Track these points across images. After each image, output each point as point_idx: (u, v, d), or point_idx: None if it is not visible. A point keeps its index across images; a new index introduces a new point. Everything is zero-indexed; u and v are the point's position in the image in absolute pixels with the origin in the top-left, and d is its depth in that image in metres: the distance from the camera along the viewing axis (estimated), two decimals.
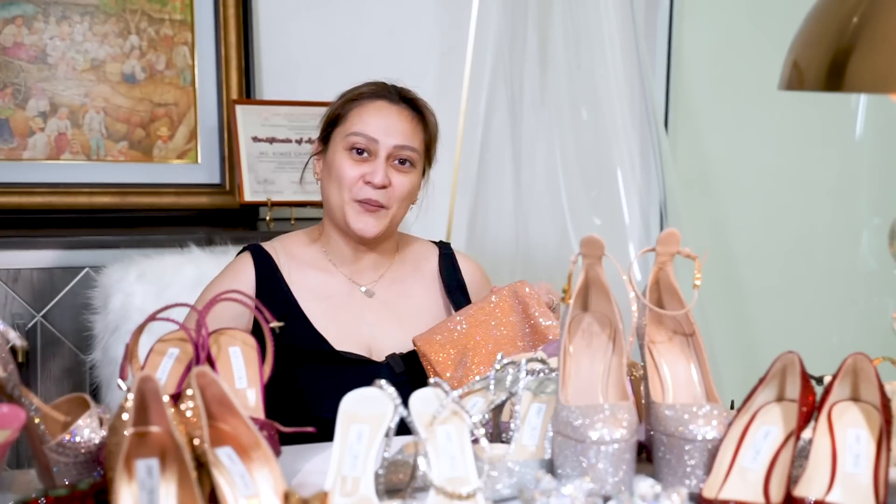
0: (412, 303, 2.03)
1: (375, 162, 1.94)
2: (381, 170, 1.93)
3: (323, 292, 1.99)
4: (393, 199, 1.95)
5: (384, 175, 1.93)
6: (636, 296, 1.46)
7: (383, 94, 1.99)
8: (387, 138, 1.94)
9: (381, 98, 1.98)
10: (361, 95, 1.99)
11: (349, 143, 1.95)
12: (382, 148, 1.94)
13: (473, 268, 2.14)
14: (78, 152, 2.74)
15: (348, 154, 1.95)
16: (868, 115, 3.39)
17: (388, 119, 1.96)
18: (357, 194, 1.94)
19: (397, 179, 1.95)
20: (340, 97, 2.03)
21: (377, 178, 1.93)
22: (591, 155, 3.11)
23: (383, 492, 1.27)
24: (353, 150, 1.95)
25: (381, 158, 1.94)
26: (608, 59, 3.05)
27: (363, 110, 1.97)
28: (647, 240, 3.10)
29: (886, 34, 1.44)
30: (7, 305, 2.44)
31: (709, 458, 1.32)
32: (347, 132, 1.96)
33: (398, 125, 1.96)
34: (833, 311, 3.44)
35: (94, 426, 1.31)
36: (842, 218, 3.45)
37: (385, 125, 1.95)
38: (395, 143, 1.95)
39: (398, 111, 1.97)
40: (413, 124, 1.98)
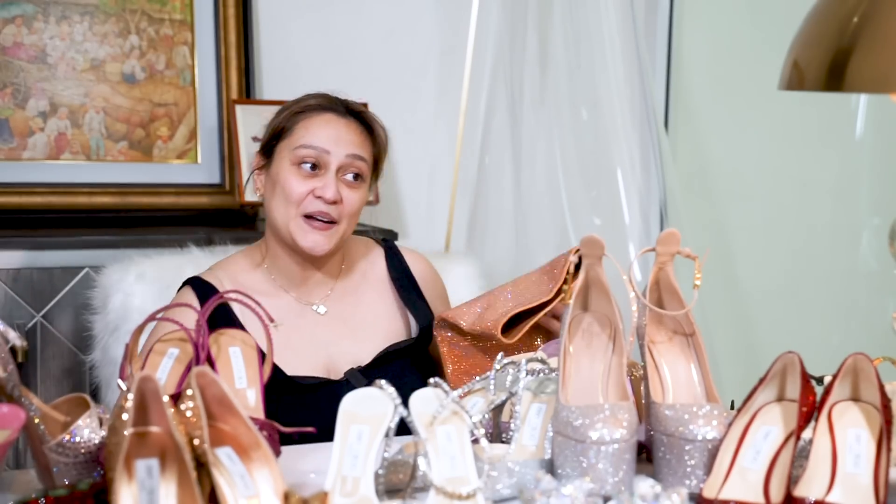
0: (366, 313, 1.97)
1: (326, 176, 1.86)
2: (333, 184, 1.85)
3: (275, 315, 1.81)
4: (343, 214, 1.88)
5: (335, 189, 1.85)
6: (636, 296, 1.46)
7: (331, 107, 1.92)
8: (338, 149, 1.87)
9: (329, 111, 1.91)
10: (308, 108, 1.92)
11: (297, 157, 1.87)
12: (333, 159, 1.87)
13: (422, 264, 2.07)
14: (78, 152, 2.74)
15: (296, 168, 1.86)
16: (868, 115, 3.39)
17: (338, 130, 1.89)
18: (306, 208, 1.86)
19: (348, 194, 1.87)
20: (284, 109, 1.95)
21: (328, 192, 1.84)
22: (591, 155, 3.11)
23: (383, 492, 1.27)
24: (301, 164, 1.86)
25: (331, 171, 1.86)
26: (608, 59, 3.05)
27: (311, 122, 1.89)
28: (647, 240, 3.10)
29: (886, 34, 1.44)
30: (7, 305, 2.44)
31: (709, 459, 1.32)
32: (295, 145, 1.88)
33: (348, 136, 1.89)
34: (833, 311, 3.44)
35: (93, 426, 1.31)
36: (842, 218, 3.45)
37: (335, 136, 1.88)
38: (347, 152, 1.87)
39: (346, 123, 1.90)
40: (363, 137, 1.91)
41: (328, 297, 1.95)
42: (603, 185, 3.10)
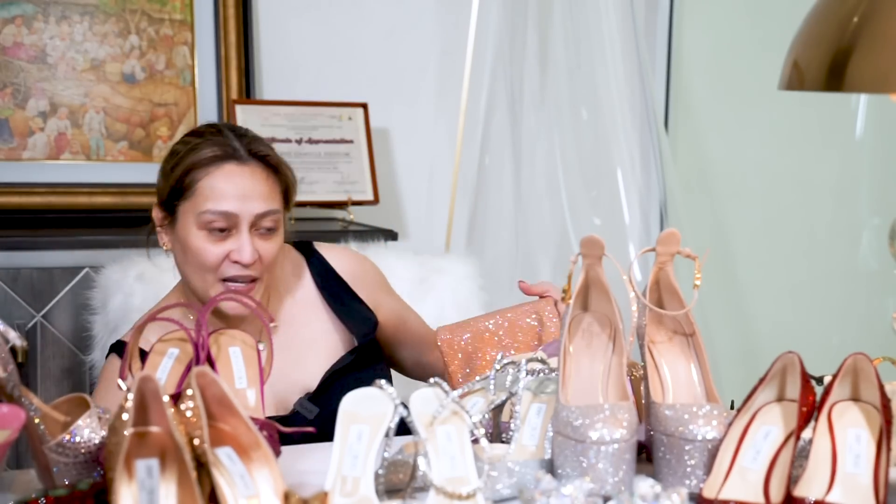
0: (304, 336, 1.85)
1: (239, 237, 1.69)
2: (248, 245, 1.68)
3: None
4: (264, 268, 1.72)
5: (252, 251, 1.68)
6: (636, 296, 1.46)
7: (230, 155, 1.70)
8: (246, 208, 1.68)
9: (229, 159, 1.70)
10: (205, 161, 1.70)
11: (204, 223, 1.68)
12: (244, 221, 1.68)
13: (347, 261, 1.93)
14: (78, 152, 2.74)
15: (205, 233, 1.69)
16: (868, 115, 3.39)
17: (243, 186, 1.68)
18: (224, 272, 1.70)
19: (265, 247, 1.71)
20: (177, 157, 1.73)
21: (245, 256, 1.68)
22: (591, 155, 3.11)
23: (383, 492, 1.26)
24: (209, 229, 1.69)
25: (244, 232, 1.69)
26: (608, 59, 3.05)
27: (212, 180, 1.68)
28: (647, 240, 3.10)
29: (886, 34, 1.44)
30: (7, 305, 2.44)
31: (709, 459, 1.32)
32: (199, 209, 1.68)
33: (254, 189, 1.69)
34: (833, 311, 3.44)
35: (93, 426, 1.31)
36: (842, 218, 3.45)
37: (240, 193, 1.68)
38: (257, 211, 1.69)
39: (251, 172, 1.70)
40: (269, 182, 1.72)
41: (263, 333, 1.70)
42: (603, 185, 3.11)
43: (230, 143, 1.71)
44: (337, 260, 1.92)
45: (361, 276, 1.93)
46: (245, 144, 1.72)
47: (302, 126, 2.82)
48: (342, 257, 1.93)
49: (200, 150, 1.70)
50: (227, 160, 1.70)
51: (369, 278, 1.95)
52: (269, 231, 1.72)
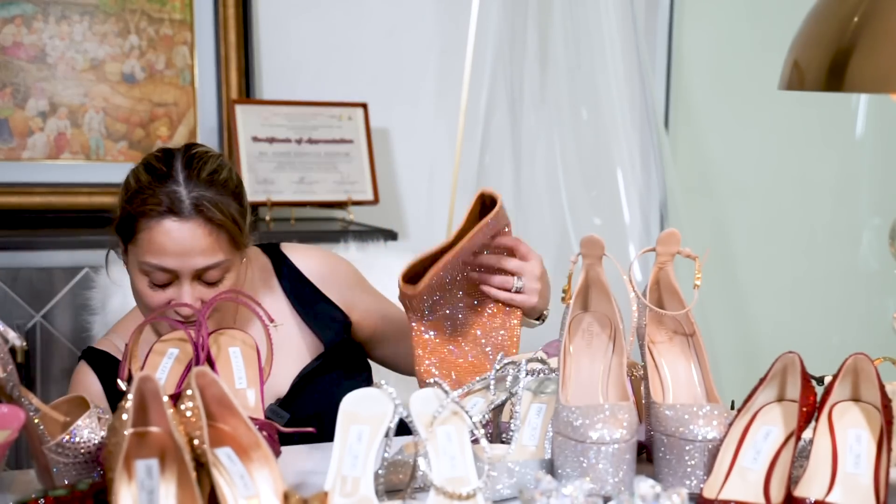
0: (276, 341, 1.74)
1: (180, 288, 1.65)
2: (188, 296, 1.64)
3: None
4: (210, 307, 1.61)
5: (193, 299, 1.65)
6: (636, 296, 1.46)
7: (171, 209, 1.63)
8: (185, 264, 1.64)
9: (167, 216, 1.63)
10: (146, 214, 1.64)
11: (145, 272, 1.66)
12: (184, 275, 1.64)
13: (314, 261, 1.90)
14: (77, 152, 2.74)
15: (147, 280, 1.66)
16: (868, 115, 3.39)
17: (182, 243, 1.63)
18: (169, 314, 1.65)
19: (210, 294, 1.66)
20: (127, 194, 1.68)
21: (184, 310, 1.64)
22: (591, 155, 3.11)
23: (383, 492, 1.26)
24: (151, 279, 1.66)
25: (185, 285, 1.65)
26: (608, 59, 3.05)
27: (152, 235, 1.63)
28: (647, 240, 3.10)
29: (887, 34, 1.44)
30: (6, 305, 2.44)
31: (709, 459, 1.32)
32: (140, 258, 1.65)
33: (195, 246, 1.63)
34: (834, 311, 3.44)
35: (93, 426, 1.31)
36: (842, 218, 3.45)
37: (180, 249, 1.63)
38: (196, 267, 1.64)
39: (192, 228, 1.63)
40: (212, 238, 1.64)
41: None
42: (603, 185, 3.11)
43: (176, 190, 1.64)
44: (304, 261, 1.88)
45: (330, 276, 1.89)
46: (190, 192, 1.64)
47: (302, 126, 2.82)
48: (309, 258, 1.90)
49: (145, 200, 1.65)
50: (167, 215, 1.63)
51: (339, 278, 1.91)
52: (215, 282, 1.67)
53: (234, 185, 1.71)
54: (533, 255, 1.73)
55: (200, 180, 1.66)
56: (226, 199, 1.67)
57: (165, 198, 1.63)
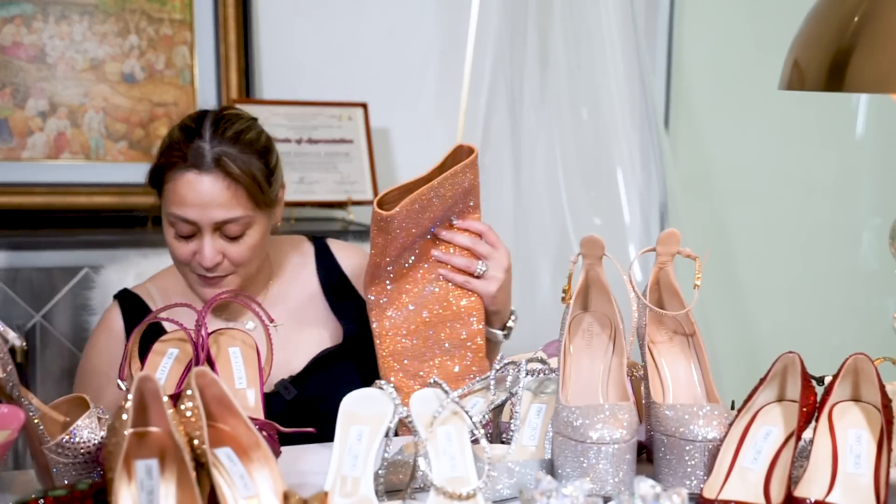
0: (297, 321, 1.88)
1: (202, 240, 1.74)
2: (208, 249, 1.73)
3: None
4: (233, 266, 1.77)
5: (213, 254, 1.73)
6: (636, 296, 1.46)
7: (192, 163, 1.72)
8: (205, 216, 1.72)
9: (190, 169, 1.72)
10: (169, 165, 1.75)
11: (170, 223, 1.76)
12: (204, 227, 1.73)
13: (354, 258, 1.97)
14: (77, 152, 2.74)
15: (174, 232, 1.76)
16: (868, 114, 3.39)
17: (201, 195, 1.72)
18: (194, 269, 1.77)
19: (233, 249, 1.75)
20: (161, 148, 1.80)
21: (205, 261, 1.74)
22: (591, 155, 3.11)
23: (383, 492, 1.26)
24: (176, 230, 1.76)
25: (206, 237, 1.74)
26: (608, 59, 3.05)
27: (175, 186, 1.73)
28: (647, 240, 3.10)
29: (887, 33, 1.44)
30: (6, 305, 2.44)
31: (709, 459, 1.32)
32: (166, 210, 1.77)
33: (214, 199, 1.72)
34: (834, 311, 3.44)
35: (93, 427, 1.31)
36: (842, 218, 3.45)
37: (200, 202, 1.72)
38: (215, 219, 1.73)
39: (212, 181, 1.72)
40: (231, 191, 1.73)
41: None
42: (603, 185, 3.10)
43: (201, 146, 1.73)
44: (345, 258, 1.96)
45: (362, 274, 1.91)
46: (213, 149, 1.73)
47: (302, 126, 2.82)
48: (350, 255, 1.97)
49: (172, 154, 1.75)
50: (189, 168, 1.73)
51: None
52: (236, 237, 1.75)
53: (261, 146, 1.79)
54: (502, 246, 1.76)
55: (225, 137, 1.75)
56: (248, 157, 1.75)
57: (190, 152, 1.73)
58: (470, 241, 1.74)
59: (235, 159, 1.73)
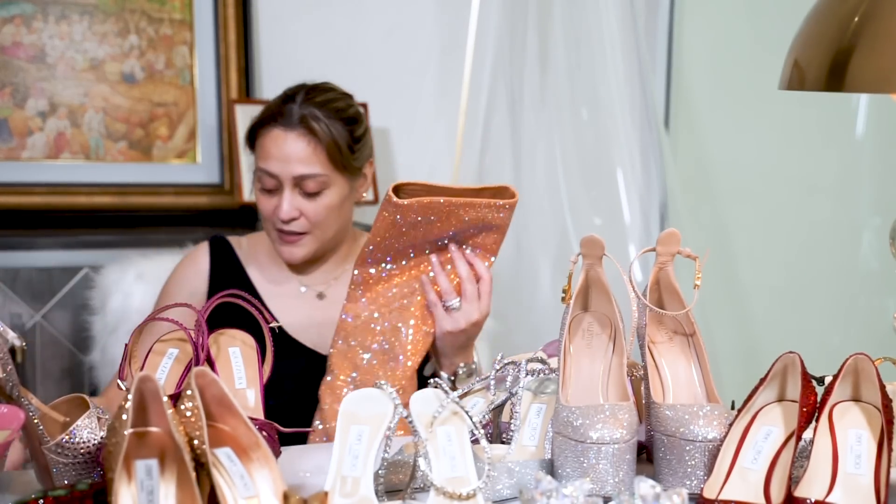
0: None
1: (282, 195, 1.92)
2: (287, 202, 1.91)
3: (277, 291, 2.00)
4: (310, 225, 1.94)
5: (290, 207, 1.91)
6: (636, 296, 1.46)
7: (280, 120, 1.93)
8: (285, 169, 1.91)
9: (277, 125, 1.93)
10: (261, 122, 1.95)
11: (258, 178, 1.95)
12: (284, 180, 1.92)
13: None
14: (77, 152, 2.74)
15: (261, 187, 1.95)
16: (869, 114, 3.39)
17: (284, 149, 1.91)
18: (275, 224, 1.94)
19: (309, 206, 1.93)
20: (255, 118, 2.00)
21: (282, 213, 1.91)
22: (591, 155, 3.11)
23: (383, 492, 1.26)
24: (261, 184, 1.94)
25: (286, 191, 1.92)
26: (608, 59, 3.05)
27: (263, 142, 1.94)
28: (647, 240, 3.10)
29: (887, 33, 1.44)
30: (6, 305, 2.44)
31: (709, 459, 1.32)
32: (256, 165, 1.96)
33: (294, 154, 1.91)
34: (834, 312, 3.43)
35: (92, 427, 1.31)
36: (842, 218, 3.45)
37: (282, 156, 1.91)
38: (294, 174, 1.91)
39: (293, 138, 1.92)
40: (311, 148, 1.92)
41: (330, 286, 2.02)
42: (603, 185, 3.10)
43: (289, 107, 1.93)
44: None
45: None
46: (300, 110, 1.91)
47: None
48: None
49: (265, 113, 1.95)
50: (276, 125, 1.92)
51: None
52: (313, 193, 1.91)
53: (348, 115, 1.96)
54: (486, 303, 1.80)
55: (314, 102, 1.93)
56: (333, 122, 1.93)
57: (280, 112, 1.93)
58: (466, 275, 1.76)
59: (319, 120, 1.91)
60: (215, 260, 2.02)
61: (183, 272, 2.03)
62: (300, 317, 1.99)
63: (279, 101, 1.96)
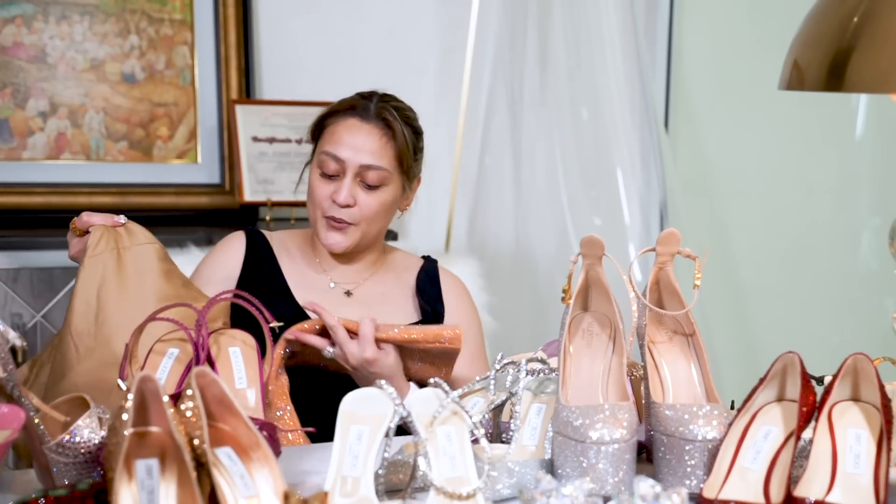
0: (387, 307, 2.05)
1: (342, 181, 1.95)
2: (346, 189, 1.94)
3: (306, 284, 2.03)
4: (360, 217, 1.97)
5: (348, 194, 1.95)
6: (636, 296, 1.46)
7: (356, 112, 1.98)
8: (353, 157, 1.95)
9: (354, 115, 1.98)
10: (336, 111, 2.00)
11: (320, 162, 1.98)
12: (349, 167, 1.95)
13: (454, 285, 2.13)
14: (78, 152, 2.74)
15: (320, 173, 1.98)
16: (868, 115, 3.39)
17: (357, 138, 1.96)
18: (326, 211, 1.97)
19: (364, 198, 1.96)
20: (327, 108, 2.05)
21: (340, 196, 1.94)
22: (591, 155, 3.11)
23: (383, 492, 1.26)
24: (322, 168, 1.97)
25: (348, 178, 1.95)
26: (608, 59, 3.05)
27: (335, 129, 1.98)
28: (647, 240, 3.10)
29: (887, 34, 1.44)
30: (7, 305, 2.44)
31: (709, 459, 1.32)
32: (321, 150, 1.99)
33: (366, 144, 1.96)
34: (833, 311, 3.44)
35: (93, 426, 1.31)
36: (842, 218, 3.45)
37: (353, 144, 1.95)
38: (362, 162, 1.95)
39: (368, 130, 1.97)
40: (383, 142, 1.97)
41: (359, 286, 2.06)
42: (603, 185, 3.10)
43: (367, 103, 1.99)
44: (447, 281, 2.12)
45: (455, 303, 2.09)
46: (377, 107, 1.98)
47: (302, 126, 2.82)
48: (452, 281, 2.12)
49: (342, 101, 2.01)
50: (353, 115, 1.97)
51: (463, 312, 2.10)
52: (373, 186, 1.96)
53: (417, 126, 2.04)
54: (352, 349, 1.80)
55: (391, 105, 2.01)
56: (405, 126, 2.00)
57: (355, 103, 1.99)
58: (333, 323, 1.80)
59: (395, 120, 1.98)
60: (251, 248, 2.05)
61: (219, 257, 2.05)
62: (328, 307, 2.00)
63: (354, 98, 2.01)
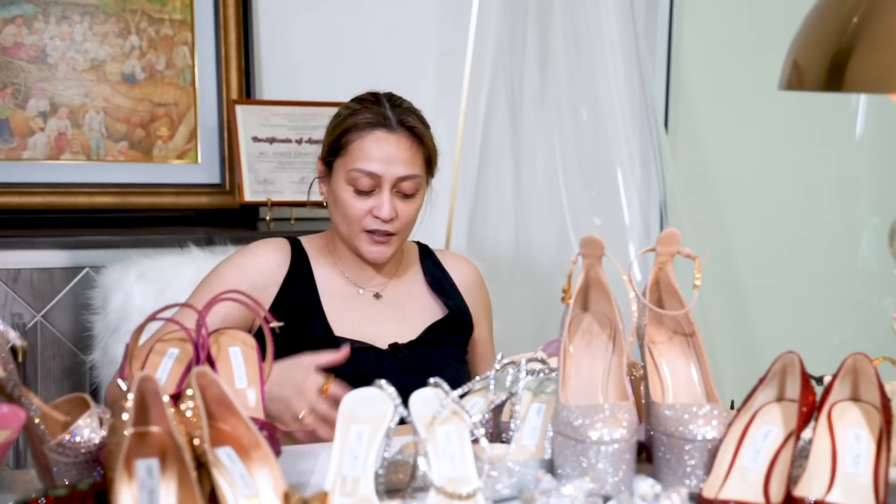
0: (415, 302, 2.07)
1: (381, 196, 1.94)
2: (387, 203, 1.93)
3: (336, 292, 2.03)
4: (402, 225, 1.98)
5: (391, 208, 1.94)
6: (636, 296, 1.46)
7: (381, 122, 1.95)
8: (389, 170, 1.93)
9: (380, 127, 1.95)
10: (358, 126, 1.96)
11: (352, 179, 1.94)
12: (386, 181, 1.94)
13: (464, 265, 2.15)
14: (78, 152, 2.74)
15: (352, 190, 1.95)
16: (868, 115, 3.39)
17: (388, 151, 1.94)
18: (367, 226, 1.96)
19: (403, 208, 1.96)
20: (338, 119, 2.01)
21: (384, 212, 1.93)
22: (591, 155, 3.11)
23: (383, 492, 1.27)
24: (356, 185, 1.94)
25: (385, 192, 1.94)
26: (608, 59, 3.05)
27: (363, 143, 1.94)
28: (647, 240, 3.10)
29: (886, 34, 1.44)
30: (7, 305, 2.44)
31: (709, 458, 1.32)
32: (349, 167, 1.95)
33: (399, 155, 1.94)
34: (833, 311, 3.44)
35: (94, 426, 1.31)
36: (842, 218, 3.45)
37: (386, 157, 1.93)
38: (398, 174, 1.94)
39: (397, 140, 1.95)
40: (413, 150, 1.96)
41: (385, 287, 2.07)
42: (603, 185, 3.10)
43: (384, 111, 1.96)
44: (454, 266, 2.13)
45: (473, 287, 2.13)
46: (396, 115, 1.96)
47: (302, 126, 2.82)
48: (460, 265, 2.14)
49: (358, 115, 1.96)
50: (378, 127, 1.94)
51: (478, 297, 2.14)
52: (409, 195, 1.96)
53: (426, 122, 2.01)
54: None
55: (403, 108, 1.99)
56: (424, 128, 1.99)
57: (375, 115, 1.95)
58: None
59: (417, 124, 1.97)
60: (295, 260, 2.03)
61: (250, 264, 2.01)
62: (361, 316, 2.02)
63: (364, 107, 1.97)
